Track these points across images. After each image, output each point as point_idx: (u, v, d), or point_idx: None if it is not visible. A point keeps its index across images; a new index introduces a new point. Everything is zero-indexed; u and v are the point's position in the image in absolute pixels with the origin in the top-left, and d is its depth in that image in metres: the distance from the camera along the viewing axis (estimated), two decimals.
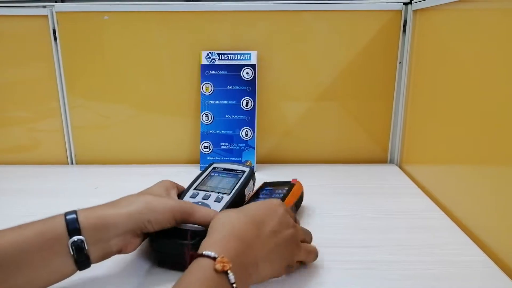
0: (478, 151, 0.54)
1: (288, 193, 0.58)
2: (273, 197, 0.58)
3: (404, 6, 0.77)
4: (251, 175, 0.61)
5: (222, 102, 0.79)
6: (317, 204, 0.64)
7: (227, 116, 0.79)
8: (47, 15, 0.78)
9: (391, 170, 0.82)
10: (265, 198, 0.59)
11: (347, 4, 0.77)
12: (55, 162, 0.86)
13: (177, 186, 0.54)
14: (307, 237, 0.47)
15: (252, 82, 0.78)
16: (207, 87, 0.79)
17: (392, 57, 0.80)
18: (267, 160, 0.85)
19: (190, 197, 0.54)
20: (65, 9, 0.78)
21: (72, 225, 0.39)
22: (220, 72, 0.79)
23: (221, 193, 0.54)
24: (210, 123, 0.80)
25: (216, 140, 0.80)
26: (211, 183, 0.58)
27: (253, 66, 0.78)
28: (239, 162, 0.68)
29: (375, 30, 0.78)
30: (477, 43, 0.55)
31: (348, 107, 0.83)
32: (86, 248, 0.39)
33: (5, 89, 0.83)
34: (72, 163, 0.87)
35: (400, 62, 0.80)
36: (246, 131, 0.79)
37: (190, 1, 0.78)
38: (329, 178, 0.77)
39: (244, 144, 0.79)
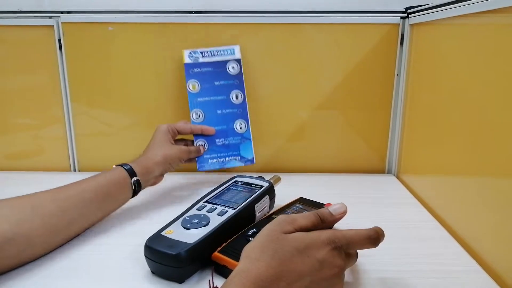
0: (473, 162, 0.55)
1: None
2: None
3: (401, 20, 0.78)
4: (267, 191, 0.60)
5: (211, 98, 0.78)
6: None
7: (218, 112, 0.78)
8: (53, 26, 0.80)
9: (389, 180, 0.83)
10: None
11: (346, 18, 0.79)
12: (58, 169, 0.88)
13: (169, 129, 0.70)
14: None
15: (239, 76, 0.78)
16: (193, 85, 0.78)
17: (390, 69, 0.81)
18: (266, 170, 0.86)
19: (197, 209, 0.56)
20: (70, 20, 0.80)
21: (131, 171, 0.61)
22: (205, 69, 0.78)
23: (227, 207, 0.55)
24: (202, 120, 0.78)
25: (210, 137, 0.78)
26: (225, 197, 0.59)
27: (237, 61, 0.78)
28: (262, 178, 0.65)
29: (374, 43, 0.80)
30: (472, 57, 0.56)
31: (346, 118, 0.84)
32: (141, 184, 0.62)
33: (10, 96, 0.85)
34: (74, 170, 0.88)
35: (397, 74, 0.81)
36: (240, 123, 0.78)
37: (193, 13, 0.80)
38: (327, 188, 0.78)
39: (239, 137, 0.78)
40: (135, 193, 0.62)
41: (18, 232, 0.47)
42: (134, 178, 0.61)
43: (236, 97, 0.78)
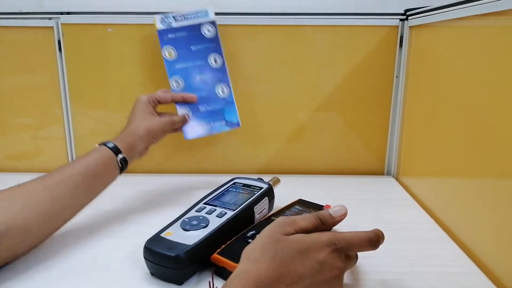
0: (472, 164, 0.56)
1: None
2: None
3: (400, 22, 0.79)
4: (266, 193, 0.61)
5: (189, 64, 0.75)
6: None
7: (198, 78, 0.75)
8: (53, 27, 0.80)
9: (388, 182, 0.83)
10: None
11: (345, 20, 0.79)
12: None
13: (149, 99, 0.68)
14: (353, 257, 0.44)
15: (215, 39, 0.76)
16: (169, 52, 0.75)
17: (389, 71, 0.82)
18: (265, 171, 0.86)
19: (196, 211, 0.56)
20: (70, 21, 0.80)
21: (116, 149, 0.60)
22: (179, 34, 0.75)
23: (227, 208, 0.56)
24: (182, 88, 0.75)
25: (193, 104, 0.75)
26: (224, 198, 0.59)
27: (212, 23, 0.75)
28: (261, 180, 0.65)
29: (373, 45, 0.80)
30: (471, 59, 0.57)
31: (345, 119, 0.85)
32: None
33: (10, 96, 0.85)
34: None
35: (396, 76, 0.82)
36: (222, 88, 0.75)
37: None
38: (326, 190, 0.78)
39: (223, 102, 0.75)
40: (121, 170, 0.62)
41: (13, 224, 0.47)
42: (120, 156, 0.60)
43: (215, 61, 0.75)
